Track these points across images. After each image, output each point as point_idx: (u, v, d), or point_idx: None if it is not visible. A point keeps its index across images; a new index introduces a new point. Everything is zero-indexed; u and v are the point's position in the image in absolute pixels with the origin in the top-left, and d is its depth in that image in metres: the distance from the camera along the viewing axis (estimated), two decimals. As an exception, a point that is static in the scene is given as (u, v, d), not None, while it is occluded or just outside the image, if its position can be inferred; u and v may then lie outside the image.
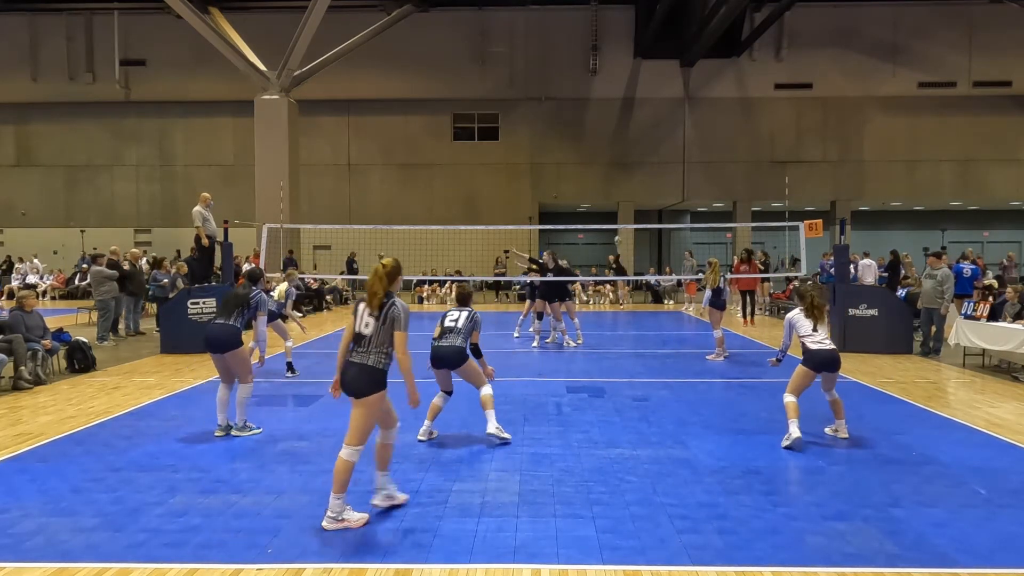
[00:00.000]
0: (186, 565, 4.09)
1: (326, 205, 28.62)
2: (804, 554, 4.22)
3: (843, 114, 28.68)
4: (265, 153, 23.02)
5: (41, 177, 29.87)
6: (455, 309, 6.85)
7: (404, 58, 27.90)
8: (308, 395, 8.85)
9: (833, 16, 28.20)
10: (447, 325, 6.62)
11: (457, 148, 29.41)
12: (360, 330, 4.67)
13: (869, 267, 18.14)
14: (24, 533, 4.52)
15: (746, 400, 8.53)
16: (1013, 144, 28.48)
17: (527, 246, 28.04)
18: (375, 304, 4.65)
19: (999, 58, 27.89)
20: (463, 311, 6.77)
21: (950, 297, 11.84)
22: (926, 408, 8.08)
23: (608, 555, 4.21)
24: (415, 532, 4.54)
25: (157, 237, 29.48)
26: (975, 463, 5.97)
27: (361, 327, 4.66)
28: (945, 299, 11.70)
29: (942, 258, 12.13)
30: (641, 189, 29.22)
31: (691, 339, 14.73)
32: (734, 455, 6.19)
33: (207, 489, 5.34)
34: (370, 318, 4.64)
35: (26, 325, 9.56)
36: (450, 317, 6.70)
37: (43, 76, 29.05)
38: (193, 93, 28.61)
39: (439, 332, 6.61)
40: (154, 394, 8.87)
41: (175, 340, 12.34)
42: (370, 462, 4.99)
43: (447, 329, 6.60)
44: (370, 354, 4.61)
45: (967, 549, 4.28)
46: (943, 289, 11.65)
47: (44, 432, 6.99)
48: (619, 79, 28.78)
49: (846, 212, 27.70)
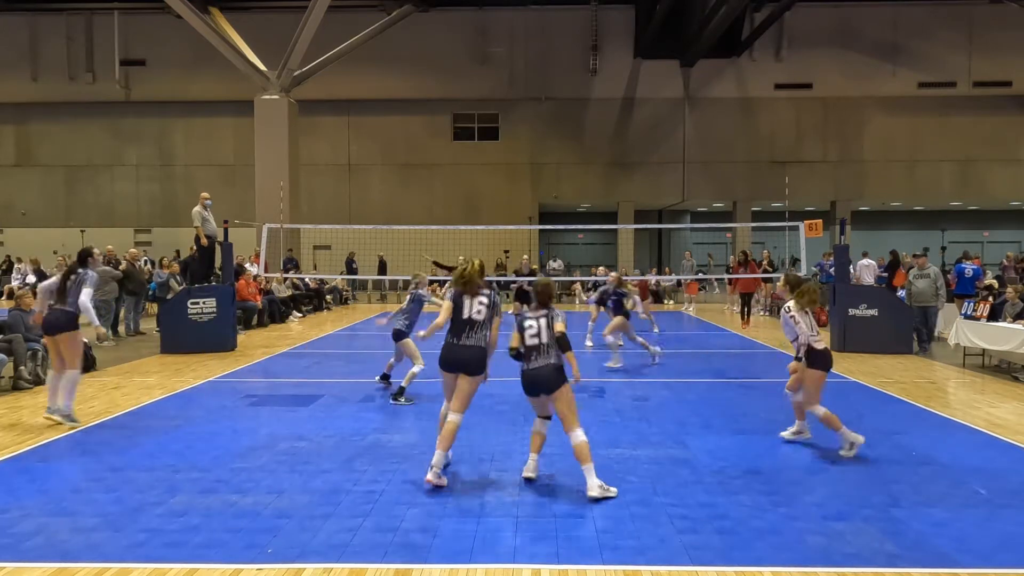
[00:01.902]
0: (186, 565, 4.08)
1: (326, 205, 28.61)
2: (804, 554, 4.22)
3: (843, 114, 28.67)
4: (265, 153, 23.03)
5: (41, 177, 29.85)
6: (529, 314, 5.55)
7: (404, 58, 27.88)
8: (308, 395, 8.85)
9: (833, 16, 28.18)
10: (530, 343, 5.41)
11: (457, 148, 29.40)
12: (473, 316, 5.55)
13: (868, 267, 18.14)
14: (24, 533, 4.52)
15: (746, 400, 8.53)
16: (1013, 144, 28.47)
17: (527, 246, 28.06)
18: (484, 294, 5.61)
19: (999, 58, 27.87)
20: (539, 315, 5.49)
21: (944, 293, 12.36)
22: (926, 408, 8.08)
23: (608, 555, 4.21)
24: (415, 532, 4.54)
25: (157, 237, 29.46)
26: (975, 463, 5.97)
27: (473, 314, 5.55)
28: (941, 296, 12.17)
29: (926, 257, 12.89)
30: (641, 189, 29.21)
31: (691, 339, 14.73)
32: (734, 455, 6.19)
33: (207, 489, 5.33)
34: (481, 306, 5.57)
35: (25, 325, 9.56)
36: (529, 331, 5.43)
37: (43, 76, 29.03)
38: (193, 93, 28.59)
39: (521, 347, 5.43)
40: (154, 394, 8.87)
41: (175, 340, 12.34)
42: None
43: (531, 348, 5.40)
44: (481, 337, 5.54)
45: (967, 549, 4.28)
46: (938, 286, 12.17)
47: (44, 432, 6.98)
48: (619, 79, 28.77)
49: (846, 212, 27.65)
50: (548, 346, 5.37)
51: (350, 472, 5.74)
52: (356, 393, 8.93)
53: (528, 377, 5.43)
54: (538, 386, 5.41)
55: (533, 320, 5.45)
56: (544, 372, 5.34)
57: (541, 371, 5.35)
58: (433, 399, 8.49)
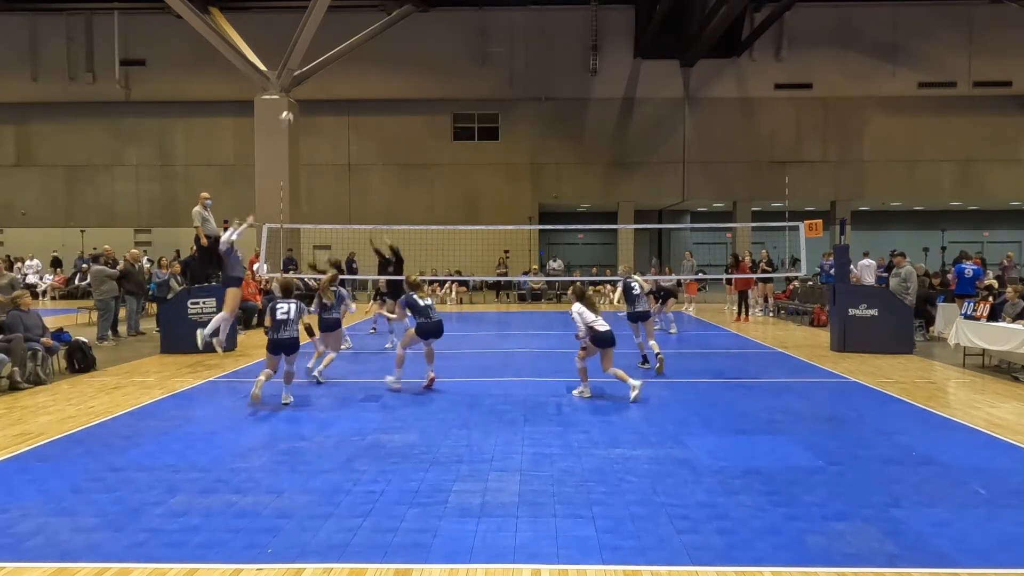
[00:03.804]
0: (186, 565, 4.08)
1: (326, 205, 28.62)
2: (804, 554, 4.22)
3: (843, 114, 28.68)
4: (265, 153, 23.02)
5: (41, 177, 29.87)
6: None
7: (404, 58, 27.89)
8: (308, 395, 8.84)
9: (833, 16, 28.20)
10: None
11: (457, 148, 29.41)
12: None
13: (868, 267, 18.11)
14: (24, 533, 4.52)
15: (746, 400, 8.53)
16: (1013, 144, 28.48)
17: (527, 246, 28.07)
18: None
19: (999, 58, 27.89)
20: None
21: (913, 292, 12.88)
22: (926, 408, 8.08)
23: (608, 555, 4.20)
24: (415, 532, 4.54)
25: (157, 237, 29.48)
26: (975, 463, 5.97)
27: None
28: (908, 295, 12.65)
29: (905, 257, 13.37)
30: (641, 189, 29.22)
31: (691, 339, 14.73)
32: (734, 455, 6.18)
33: (207, 489, 5.33)
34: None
35: (24, 325, 9.56)
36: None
37: (43, 76, 29.05)
38: (193, 93, 28.60)
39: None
40: (154, 394, 8.87)
41: (175, 340, 12.34)
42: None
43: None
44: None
45: (967, 549, 4.28)
46: (907, 286, 12.66)
47: (44, 432, 6.98)
48: (619, 79, 28.78)
49: (846, 212, 27.69)
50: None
51: (350, 472, 5.74)
52: (356, 393, 8.93)
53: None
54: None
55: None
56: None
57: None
58: (431, 399, 8.50)
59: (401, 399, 8.53)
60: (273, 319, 8.23)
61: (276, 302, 8.40)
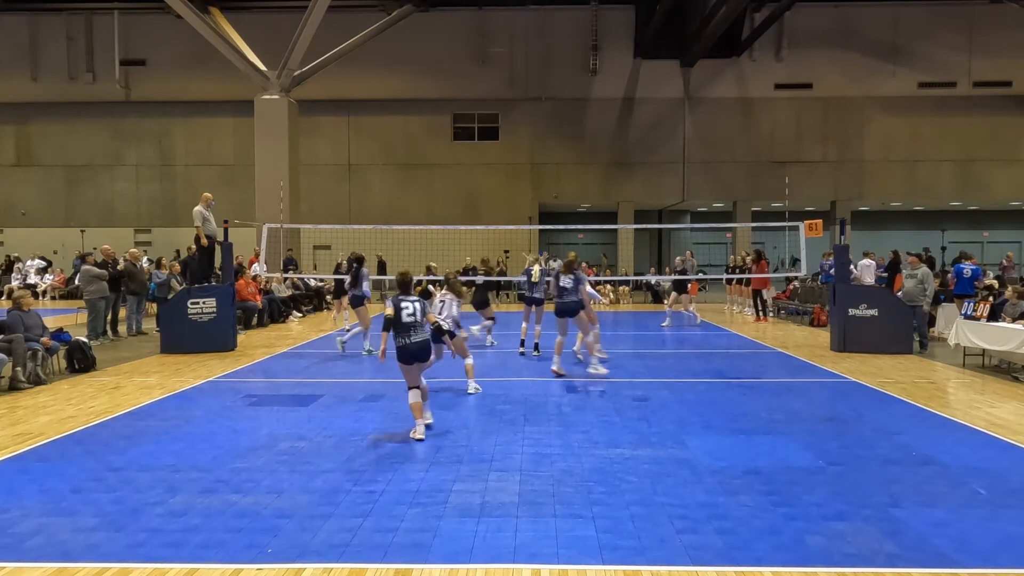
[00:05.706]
0: (186, 565, 4.09)
1: (326, 205, 28.61)
2: (804, 554, 4.22)
3: (843, 114, 28.67)
4: (265, 153, 23.03)
5: (41, 177, 29.87)
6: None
7: (404, 58, 27.90)
8: (308, 395, 8.85)
9: (833, 16, 28.20)
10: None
11: (457, 148, 29.40)
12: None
13: (868, 267, 18.11)
14: (24, 533, 4.52)
15: (746, 400, 8.53)
16: (1013, 144, 28.47)
17: (527, 246, 28.05)
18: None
19: (999, 58, 27.88)
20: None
21: (931, 294, 12.57)
22: (926, 408, 8.08)
23: (608, 555, 4.21)
24: (415, 532, 4.54)
25: (157, 237, 29.48)
26: (975, 463, 5.97)
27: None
28: (926, 297, 12.39)
29: (921, 259, 13.20)
30: (641, 189, 29.22)
31: (691, 339, 14.73)
32: (734, 455, 6.19)
33: (207, 489, 5.33)
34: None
35: (25, 325, 9.56)
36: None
37: (43, 76, 29.05)
38: (193, 93, 28.60)
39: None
40: (154, 394, 8.87)
41: (175, 340, 12.34)
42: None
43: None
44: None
45: (967, 549, 4.28)
46: (924, 288, 12.37)
47: (44, 432, 6.99)
48: (619, 79, 28.78)
49: (846, 212, 27.72)
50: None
51: (350, 472, 5.74)
52: (356, 393, 8.93)
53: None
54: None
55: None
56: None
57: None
58: (431, 399, 8.50)
59: (401, 399, 8.52)
60: (399, 320, 6.64)
61: (399, 300, 6.71)
